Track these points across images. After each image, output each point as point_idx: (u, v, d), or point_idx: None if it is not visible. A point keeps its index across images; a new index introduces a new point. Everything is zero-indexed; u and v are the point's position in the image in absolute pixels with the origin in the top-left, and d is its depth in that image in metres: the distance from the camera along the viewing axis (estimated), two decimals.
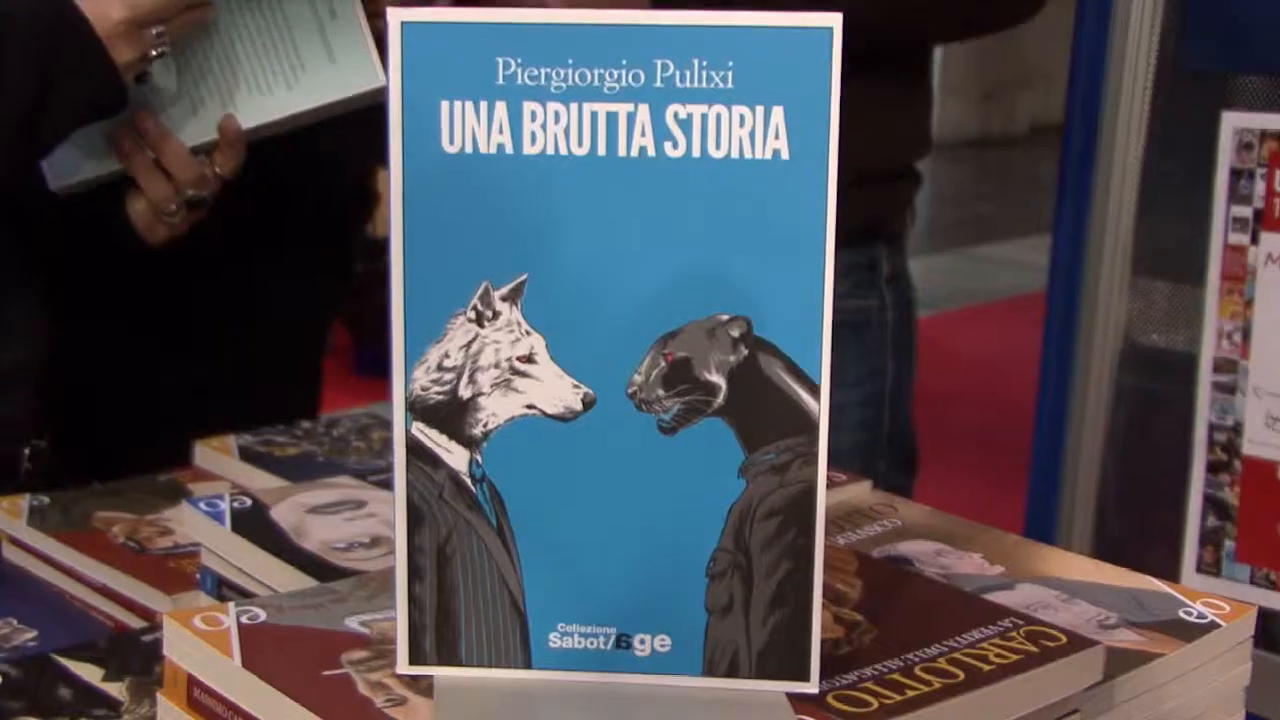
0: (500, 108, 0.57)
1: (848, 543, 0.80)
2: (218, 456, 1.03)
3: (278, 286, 1.26)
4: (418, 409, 0.59)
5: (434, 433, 0.59)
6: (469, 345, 0.58)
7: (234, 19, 1.04)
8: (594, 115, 0.56)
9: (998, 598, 0.72)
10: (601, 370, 0.58)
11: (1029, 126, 9.37)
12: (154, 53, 1.00)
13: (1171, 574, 1.39)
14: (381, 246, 0.59)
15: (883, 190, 1.30)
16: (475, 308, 0.58)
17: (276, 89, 1.05)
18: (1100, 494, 1.57)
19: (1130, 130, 1.50)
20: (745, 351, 0.58)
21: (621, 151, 0.57)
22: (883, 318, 1.32)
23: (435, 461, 0.59)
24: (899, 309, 1.33)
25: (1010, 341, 4.59)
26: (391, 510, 0.59)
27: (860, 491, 0.89)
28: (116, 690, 0.70)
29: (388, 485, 0.65)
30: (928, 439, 1.40)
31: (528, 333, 0.58)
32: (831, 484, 0.88)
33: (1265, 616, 0.99)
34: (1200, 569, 1.38)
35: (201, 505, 0.82)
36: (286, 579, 0.76)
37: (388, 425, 0.58)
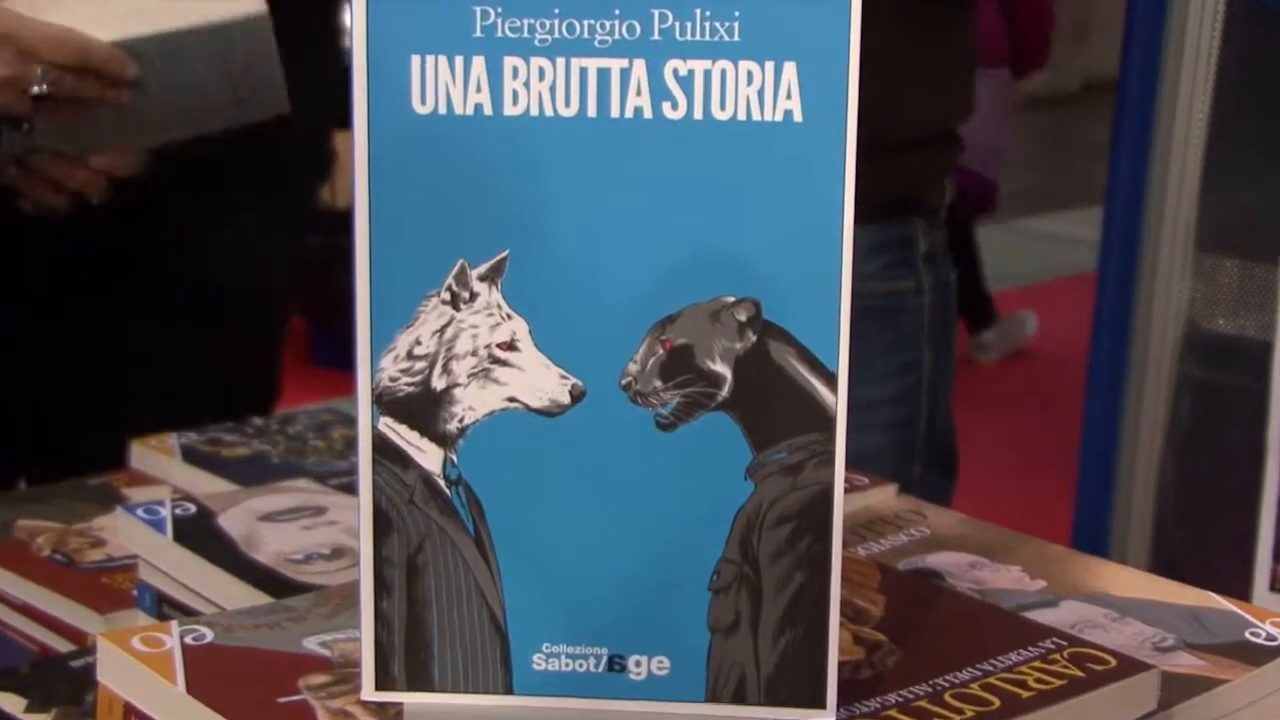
0: (478, 63, 0.57)
1: (870, 554, 0.81)
2: (157, 457, 1.03)
3: (218, 262, 1.27)
4: (385, 402, 0.59)
5: (403, 429, 0.59)
6: (443, 331, 0.59)
7: None
8: (583, 72, 0.57)
9: (1039, 616, 0.73)
10: (592, 359, 0.59)
11: (1081, 83, 9.36)
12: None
13: (1241, 592, 1.39)
14: (342, 219, 0.60)
15: (919, 158, 1.31)
16: (450, 289, 0.58)
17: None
18: (1159, 502, 1.58)
19: (1195, 84, 1.49)
20: (753, 338, 0.58)
21: (614, 113, 0.57)
22: (918, 302, 1.32)
23: (405, 461, 0.59)
24: (937, 292, 1.34)
25: (1057, 328, 4.61)
26: (355, 517, 0.60)
27: (885, 497, 0.90)
28: None
29: (350, 489, 0.66)
30: (964, 439, 1.41)
31: (509, 316, 0.59)
32: (852, 488, 0.89)
33: None
34: (1274, 587, 1.39)
35: (139, 512, 0.83)
36: (236, 595, 0.76)
37: (349, 422, 0.59)
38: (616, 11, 0.56)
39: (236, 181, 1.25)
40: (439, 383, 0.59)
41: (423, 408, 0.59)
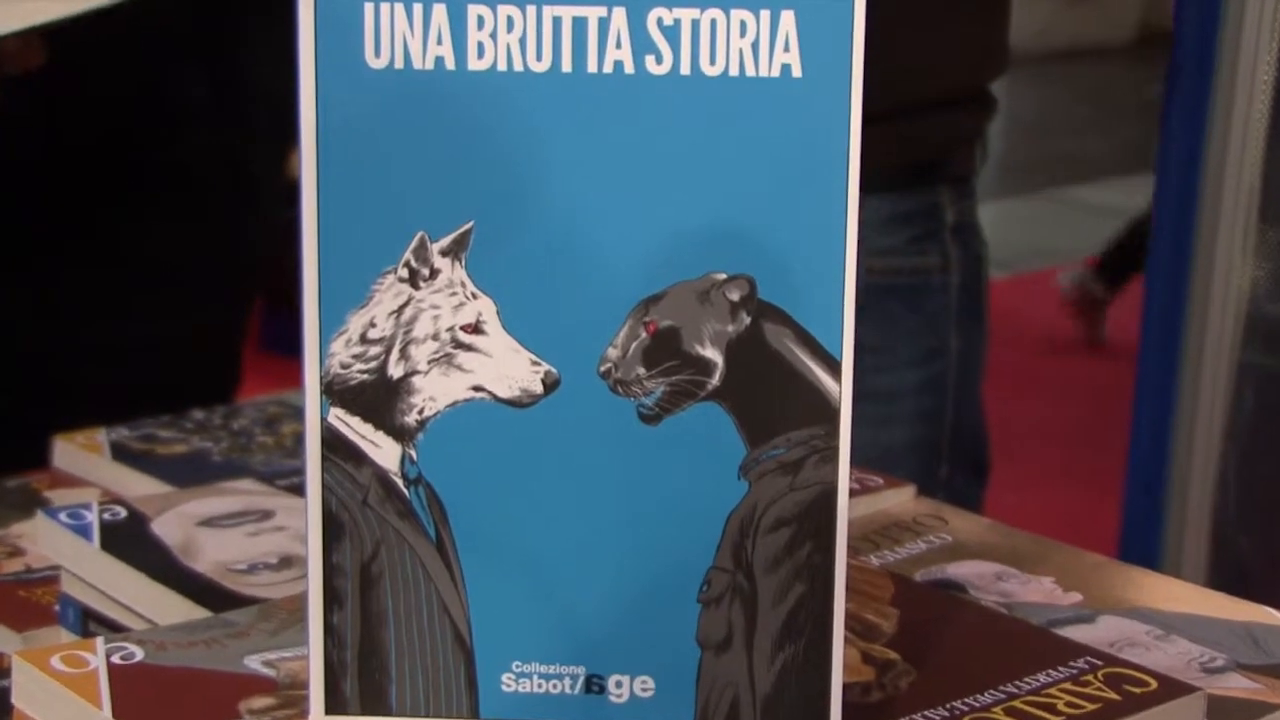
0: (438, 12, 0.57)
1: (883, 563, 0.81)
2: (83, 455, 1.03)
3: (165, 231, 1.27)
4: (336, 392, 0.60)
5: (356, 421, 0.60)
6: (400, 312, 0.59)
7: None
8: (556, 22, 0.57)
9: (1072, 633, 0.73)
10: (567, 343, 0.59)
11: (1136, 32, 9.33)
12: None
13: None
14: (294, 189, 0.60)
15: (945, 118, 1.31)
16: (408, 264, 0.59)
17: None
18: (1217, 506, 1.58)
19: (1260, 34, 1.49)
20: (747, 319, 0.59)
21: (591, 67, 0.58)
22: (945, 280, 1.33)
23: (358, 458, 0.60)
24: (966, 269, 1.34)
25: (1110, 312, 4.61)
26: (304, 521, 0.60)
27: (902, 499, 0.91)
28: None
29: (300, 491, 0.66)
30: (996, 434, 1.42)
31: (474, 296, 0.59)
32: (863, 488, 0.90)
33: None
34: None
35: (62, 517, 0.83)
36: (171, 609, 0.76)
37: (300, 415, 0.59)
38: None
39: (195, 144, 1.25)
40: (396, 370, 0.60)
41: (378, 398, 0.60)
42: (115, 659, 0.65)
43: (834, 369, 0.59)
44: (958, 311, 1.34)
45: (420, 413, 0.60)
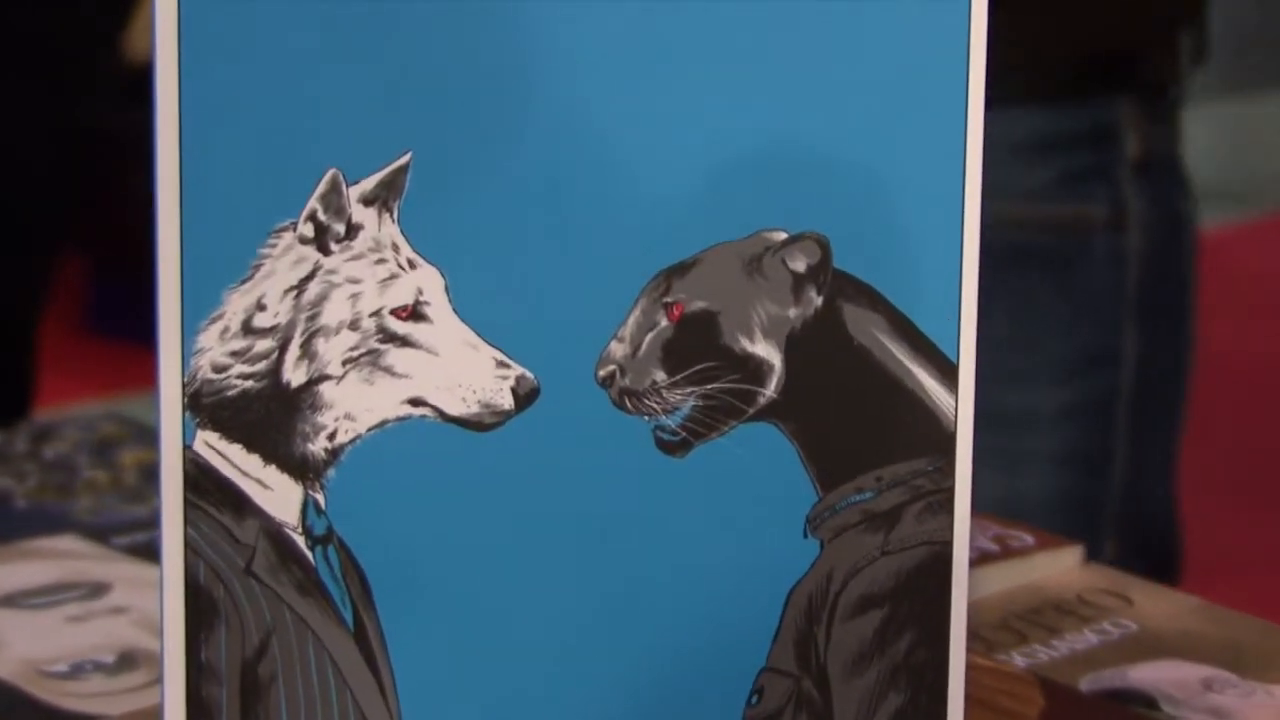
0: None
1: (1031, 663, 0.80)
2: None
3: None
4: (206, 406, 0.59)
5: (237, 451, 0.59)
6: (302, 288, 0.59)
7: None
8: None
9: None
10: (550, 334, 0.59)
11: None
12: None
13: None
14: (141, 87, 0.59)
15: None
16: (314, 217, 0.58)
17: None
18: None
19: None
20: (817, 300, 0.59)
21: None
22: (1118, 244, 1.27)
23: (239, 506, 0.59)
24: (1155, 229, 1.28)
25: None
26: (156, 600, 0.59)
27: (1063, 567, 0.90)
28: None
29: (146, 553, 0.65)
30: (1200, 502, 1.40)
31: (412, 264, 0.59)
32: (1003, 551, 0.89)
33: None
34: None
35: None
36: None
37: (148, 437, 0.58)
38: None
39: None
40: (295, 374, 0.59)
41: (269, 417, 0.59)
42: None
43: (947, 373, 0.59)
44: (1138, 296, 1.28)
45: (331, 438, 0.60)
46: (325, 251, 0.59)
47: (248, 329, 0.59)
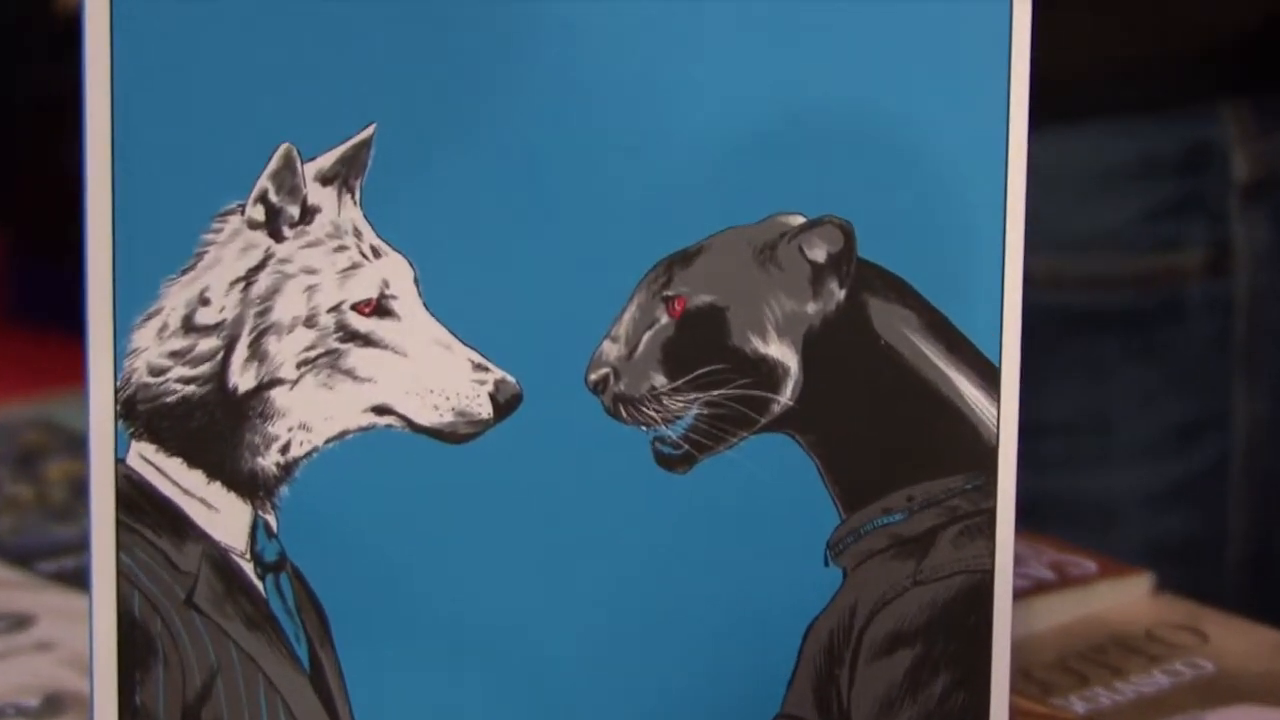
0: None
1: (1093, 709, 0.79)
2: None
3: None
4: (143, 415, 0.58)
5: (177, 466, 0.58)
6: (251, 279, 0.58)
7: None
8: None
9: None
10: (533, 333, 0.58)
11: None
12: None
13: None
14: (70, 41, 0.57)
15: None
16: (264, 197, 0.58)
17: None
18: None
19: None
20: (840, 293, 0.58)
21: None
22: (1222, 292, 1.27)
23: (180, 528, 0.59)
24: (1271, 264, 1.28)
25: None
26: (86, 635, 0.58)
27: (1129, 598, 0.89)
28: None
29: (75, 581, 0.66)
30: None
31: (376, 253, 0.58)
32: (1060, 579, 0.88)
33: None
34: None
35: None
36: None
37: (77, 446, 0.57)
38: None
39: None
40: (244, 378, 0.58)
41: (213, 426, 0.59)
42: None
43: (988, 377, 0.58)
44: (1251, 350, 1.24)
45: (284, 451, 0.59)
46: (278, 238, 0.58)
47: (189, 326, 0.58)
